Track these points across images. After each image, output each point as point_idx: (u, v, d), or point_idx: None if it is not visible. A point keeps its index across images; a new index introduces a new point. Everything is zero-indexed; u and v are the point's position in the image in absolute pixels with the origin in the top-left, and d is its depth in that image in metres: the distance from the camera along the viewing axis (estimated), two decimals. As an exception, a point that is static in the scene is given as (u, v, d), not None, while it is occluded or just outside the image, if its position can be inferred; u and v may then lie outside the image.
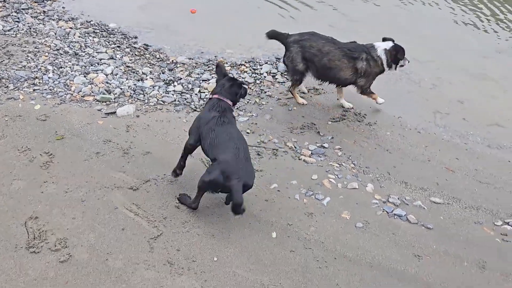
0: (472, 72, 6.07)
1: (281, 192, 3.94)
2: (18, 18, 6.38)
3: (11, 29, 6.05)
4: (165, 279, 3.08)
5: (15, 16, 6.43)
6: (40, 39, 5.94)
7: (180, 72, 5.74)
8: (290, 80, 5.27)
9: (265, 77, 5.68)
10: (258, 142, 4.56)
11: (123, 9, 7.51)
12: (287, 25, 7.21)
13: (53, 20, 6.78)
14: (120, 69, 5.63)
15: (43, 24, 6.61)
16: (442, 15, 7.70)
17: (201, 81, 5.53)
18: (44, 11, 6.94)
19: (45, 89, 5.05)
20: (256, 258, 3.30)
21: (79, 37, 6.37)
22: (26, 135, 4.24)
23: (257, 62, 6.04)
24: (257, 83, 5.56)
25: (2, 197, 3.55)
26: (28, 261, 3.09)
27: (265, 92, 5.39)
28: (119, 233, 3.38)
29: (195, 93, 5.28)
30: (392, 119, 5.15)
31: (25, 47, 5.68)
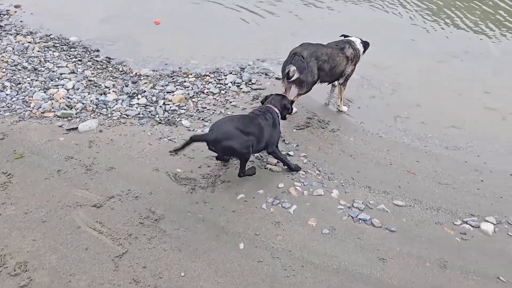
0: (428, 76, 6.30)
1: (248, 202, 3.95)
2: (-28, 34, 6.20)
3: (-35, 45, 5.86)
4: (132, 298, 3.03)
5: (-31, 31, 6.24)
6: (-4, 55, 5.77)
7: (144, 85, 5.69)
8: (300, 93, 5.05)
9: (230, 87, 5.71)
10: (224, 153, 4.56)
11: (84, 22, 7.41)
12: (253, 33, 7.32)
13: (11, 34, 6.62)
14: (81, 84, 5.53)
15: (0, 39, 6.42)
16: (402, 22, 7.97)
17: (165, 93, 5.50)
18: (0, 26, 6.75)
19: (3, 107, 4.90)
20: (224, 270, 3.29)
21: (38, 51, 6.24)
22: (-18, 155, 4.09)
23: (221, 72, 6.07)
24: (222, 94, 5.58)
25: (-43, 222, 3.41)
26: (-14, 288, 2.98)
27: (230, 102, 5.41)
28: (82, 253, 3.30)
29: (160, 106, 5.25)
30: (355, 125, 5.28)
31: (-20, 63, 5.52)
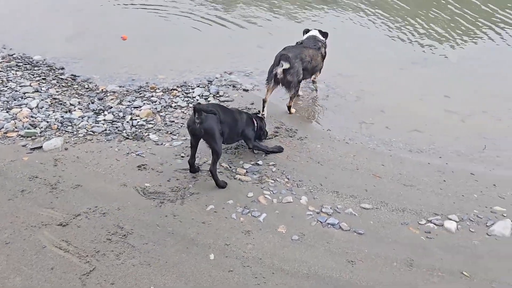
0: (391, 83, 6.51)
1: (218, 213, 3.96)
2: None
3: None
4: (100, 315, 2.98)
5: None
6: (-45, 76, 5.63)
7: (110, 101, 5.66)
8: (292, 95, 5.46)
9: (197, 100, 5.74)
10: (193, 165, 4.57)
11: (49, 41, 7.33)
12: (220, 46, 7.39)
13: (-30, 55, 6.47)
14: (46, 102, 5.45)
15: (-41, 60, 6.28)
16: (367, 32, 8.21)
17: (132, 108, 5.48)
18: (-41, 47, 6.61)
19: (-38, 128, 4.77)
20: (194, 282, 3.28)
21: (0, 71, 6.11)
22: None
23: (189, 86, 6.10)
24: (190, 107, 5.60)
25: None
26: None
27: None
28: (48, 273, 3.22)
29: (127, 121, 5.22)
30: (322, 132, 5.39)
31: None
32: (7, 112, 5.17)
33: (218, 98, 5.81)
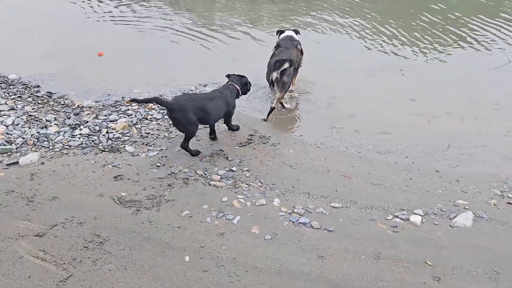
0: (360, 89, 6.78)
1: (193, 218, 4.09)
2: None
3: None
4: (77, 320, 3.05)
5: None
6: None
7: (86, 116, 5.76)
8: (282, 95, 5.83)
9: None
10: (168, 174, 4.69)
11: (24, 60, 7.42)
12: (194, 59, 7.58)
13: None
14: (21, 119, 5.53)
15: None
16: (336, 40, 8.53)
17: (108, 122, 5.59)
18: None
19: None
20: (170, 283, 3.38)
21: (-26, 91, 6.16)
22: None
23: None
24: (165, 119, 5.73)
25: None
26: None
27: (174, 126, 5.56)
28: (25, 282, 3.29)
29: (103, 134, 5.32)
30: (294, 138, 5.58)
31: None
32: (-18, 130, 5.22)
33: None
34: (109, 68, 7.16)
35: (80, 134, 5.30)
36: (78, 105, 6.00)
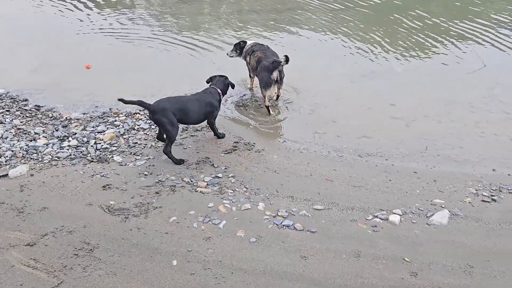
0: (342, 95, 6.99)
1: (180, 223, 4.22)
2: None
3: None
4: (69, 324, 3.16)
5: None
6: None
7: (75, 128, 5.87)
8: (277, 92, 6.43)
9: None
10: (156, 182, 4.82)
11: (12, 74, 7.49)
12: (180, 69, 7.73)
13: None
14: (10, 132, 5.61)
15: None
16: (319, 48, 8.74)
17: (96, 133, 5.71)
18: None
19: None
20: (158, 286, 3.51)
21: (-38, 106, 6.23)
22: None
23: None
24: (152, 128, 5.87)
25: None
26: None
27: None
28: (17, 290, 3.39)
29: (91, 145, 5.44)
30: (278, 144, 5.76)
31: None
32: (-29, 144, 5.30)
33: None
34: (97, 80, 7.28)
35: (69, 145, 5.41)
36: (66, 118, 6.11)
